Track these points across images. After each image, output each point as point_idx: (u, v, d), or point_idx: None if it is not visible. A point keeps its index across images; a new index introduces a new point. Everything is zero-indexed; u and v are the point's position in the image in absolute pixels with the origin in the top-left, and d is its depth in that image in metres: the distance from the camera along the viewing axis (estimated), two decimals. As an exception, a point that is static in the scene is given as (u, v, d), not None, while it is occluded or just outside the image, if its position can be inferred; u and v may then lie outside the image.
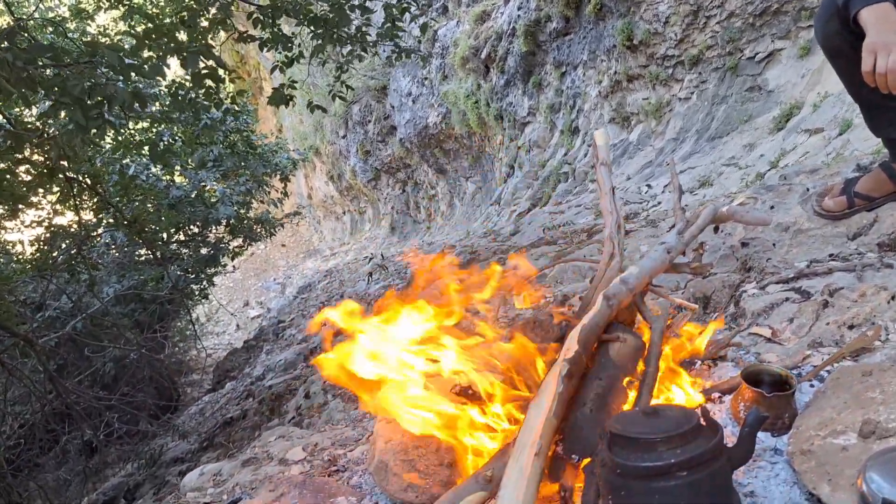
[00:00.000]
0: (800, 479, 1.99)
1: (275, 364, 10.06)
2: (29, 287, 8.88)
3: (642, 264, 2.82)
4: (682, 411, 2.06)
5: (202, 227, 11.24)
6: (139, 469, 8.05)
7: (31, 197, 6.77)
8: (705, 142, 10.04)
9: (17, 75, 3.79)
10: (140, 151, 9.41)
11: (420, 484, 2.49)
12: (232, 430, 7.68)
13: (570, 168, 13.36)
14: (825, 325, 2.78)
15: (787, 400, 2.26)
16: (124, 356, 10.32)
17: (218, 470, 3.51)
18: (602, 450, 2.04)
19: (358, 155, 26.40)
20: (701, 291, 3.53)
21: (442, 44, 18.74)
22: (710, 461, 1.90)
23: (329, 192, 32.23)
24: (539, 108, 15.53)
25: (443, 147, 21.47)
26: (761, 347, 2.86)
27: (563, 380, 2.27)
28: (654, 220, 6.17)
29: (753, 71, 9.63)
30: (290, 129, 32.20)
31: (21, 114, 8.00)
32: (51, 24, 8.78)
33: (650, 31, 11.04)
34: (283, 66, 7.37)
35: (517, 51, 15.25)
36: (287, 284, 28.13)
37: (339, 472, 3.00)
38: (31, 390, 7.95)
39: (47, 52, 4.31)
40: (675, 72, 11.07)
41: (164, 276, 10.00)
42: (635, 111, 12.13)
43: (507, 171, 17.32)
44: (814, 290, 3.07)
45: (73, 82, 4.20)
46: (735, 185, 7.65)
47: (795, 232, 3.52)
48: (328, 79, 19.68)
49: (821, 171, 4.11)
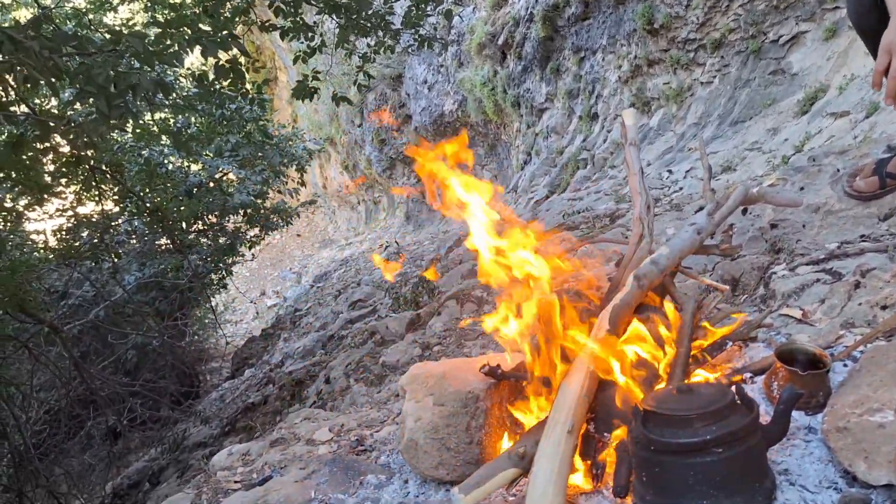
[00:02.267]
0: (835, 456, 1.98)
1: (293, 351, 10.10)
2: (53, 275, 8.96)
3: (672, 244, 2.80)
4: (716, 388, 2.05)
5: (220, 216, 11.27)
6: (162, 454, 8.11)
7: (56, 186, 6.80)
8: (728, 126, 9.96)
9: (42, 64, 3.80)
10: (159, 141, 9.45)
11: (451, 461, 2.50)
12: (253, 416, 7.72)
13: (589, 154, 13.29)
14: (857, 306, 2.76)
15: (821, 378, 2.24)
16: (146, 343, 10.40)
17: (246, 450, 3.53)
18: (635, 427, 2.04)
19: (373, 144, 26.36)
20: (729, 273, 3.51)
21: (458, 31, 18.63)
22: (745, 438, 1.89)
23: (344, 181, 32.22)
24: (557, 95, 15.43)
25: (458, 135, 21.33)
26: (792, 328, 2.84)
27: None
28: (679, 204, 6.13)
29: (777, 54, 9.53)
30: (306, 118, 32.16)
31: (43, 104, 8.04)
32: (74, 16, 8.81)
33: (671, 14, 10.94)
34: (304, 56, 7.35)
35: (535, 36, 15.14)
36: (303, 274, 28.22)
37: (367, 452, 3.02)
38: (57, 376, 8.03)
39: (72, 40, 4.32)
40: (697, 56, 10.97)
41: (184, 264, 10.05)
42: (656, 96, 12.04)
43: (525, 159, 17.24)
44: (845, 271, 3.05)
45: (98, 70, 4.21)
46: (759, 169, 7.58)
47: (826, 213, 3.49)
48: (345, 68, 19.67)
49: (851, 152, 4.07)
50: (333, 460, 2.90)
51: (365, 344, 7.00)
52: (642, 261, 2.73)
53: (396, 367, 5.60)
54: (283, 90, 33.05)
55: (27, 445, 7.29)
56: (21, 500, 6.85)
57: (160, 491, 6.67)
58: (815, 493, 1.90)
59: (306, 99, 7.02)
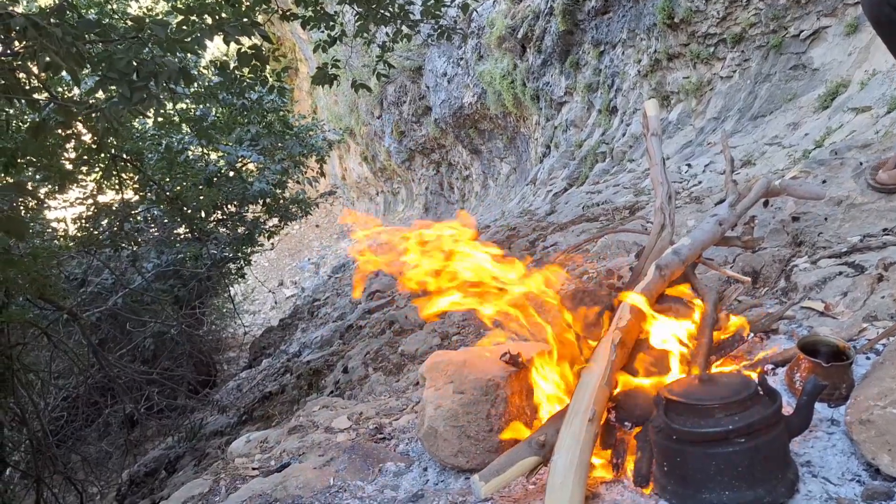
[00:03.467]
0: (858, 448, 1.97)
1: (311, 341, 10.12)
2: (72, 263, 9.02)
3: (694, 236, 2.79)
4: (739, 378, 2.05)
5: (239, 205, 11.31)
6: (179, 442, 8.16)
7: (77, 174, 6.85)
8: (747, 121, 9.89)
9: (65, 50, 3.82)
10: (180, 130, 9.48)
11: (471, 449, 2.50)
12: (271, 405, 7.75)
13: (608, 148, 13.25)
14: (880, 299, 2.74)
15: (844, 370, 2.23)
16: (164, 332, 10.46)
17: (264, 437, 3.55)
18: (657, 416, 2.03)
19: (392, 135, 26.39)
20: (750, 265, 3.49)
21: (478, 24, 18.61)
22: (768, 428, 1.88)
23: (363, 172, 32.27)
24: (576, 88, 15.38)
25: (478, 127, 21.38)
26: (814, 321, 2.82)
27: (616, 348, 2.26)
28: (699, 197, 6.10)
29: (798, 49, 9.45)
30: (325, 109, 32.22)
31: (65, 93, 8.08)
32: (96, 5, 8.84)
33: (692, 8, 10.88)
34: (324, 45, 7.36)
35: (554, 30, 15.09)
36: (321, 264, 28.29)
37: (386, 440, 3.02)
38: (75, 363, 8.09)
39: (95, 27, 4.34)
40: (717, 50, 10.90)
41: (203, 253, 10.09)
42: (675, 90, 11.97)
43: (543, 152, 17.21)
44: (868, 265, 3.02)
45: (120, 56, 4.23)
46: (779, 164, 7.54)
47: (848, 206, 3.47)
48: (365, 59, 19.69)
49: (874, 146, 4.04)
50: (352, 448, 2.90)
51: (383, 334, 7.01)
52: (664, 251, 2.73)
53: (415, 357, 5.60)
54: (304, 81, 33.11)
55: (45, 432, 7.36)
56: (39, 486, 6.91)
57: (177, 479, 6.71)
58: (838, 486, 1.90)
59: (325, 85, 7.02)
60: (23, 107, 6.02)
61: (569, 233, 7.23)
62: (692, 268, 2.80)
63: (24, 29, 3.54)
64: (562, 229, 7.70)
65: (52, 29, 3.71)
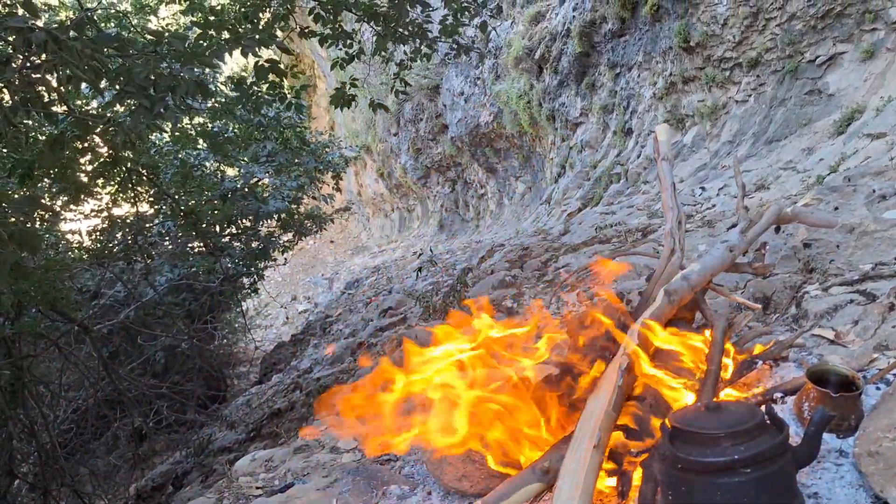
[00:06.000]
0: (866, 481, 1.95)
1: (322, 357, 10.11)
2: (85, 275, 9.05)
3: (704, 261, 2.78)
4: (746, 407, 2.03)
5: (254, 220, 11.34)
6: (187, 457, 8.13)
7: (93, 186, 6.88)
8: (762, 145, 9.88)
9: (85, 63, 3.86)
10: (196, 145, 9.54)
11: (475, 474, 2.48)
12: (279, 422, 7.73)
13: (623, 169, 13.24)
14: (891, 328, 2.71)
15: (853, 401, 2.21)
16: (175, 345, 10.46)
17: (269, 456, 3.54)
18: (663, 444, 2.01)
19: (409, 153, 26.49)
20: (761, 291, 3.47)
21: (495, 44, 18.72)
22: (775, 459, 1.86)
23: (379, 189, 32.38)
24: (592, 109, 15.42)
25: (493, 146, 21.46)
26: (824, 349, 2.80)
27: (623, 373, 2.25)
28: (711, 221, 6.08)
29: (814, 74, 9.44)
30: (343, 126, 32.40)
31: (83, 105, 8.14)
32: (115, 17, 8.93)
33: (707, 32, 10.89)
34: (342, 63, 7.40)
35: (571, 51, 15.16)
36: (335, 280, 28.28)
37: (391, 462, 3.01)
38: (86, 375, 8.10)
39: (114, 42, 4.38)
40: (733, 74, 10.90)
41: (216, 267, 10.10)
42: (690, 113, 11.98)
43: (558, 171, 17.24)
44: (879, 293, 3.00)
45: (139, 70, 4.27)
46: (793, 188, 7.50)
47: (860, 233, 3.44)
48: (382, 76, 19.81)
49: (887, 173, 4.01)
50: (357, 469, 2.89)
51: (395, 352, 6.99)
52: (673, 276, 2.72)
53: (425, 377, 5.57)
54: (322, 98, 33.31)
55: (54, 444, 7.36)
56: (46, 499, 6.92)
57: (183, 494, 6.69)
58: (845, 519, 1.88)
59: (344, 106, 7.06)
60: (41, 119, 6.08)
61: (581, 254, 7.22)
62: (702, 294, 2.79)
63: (44, 43, 3.58)
64: (574, 250, 7.69)
65: (72, 43, 3.75)
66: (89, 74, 3.84)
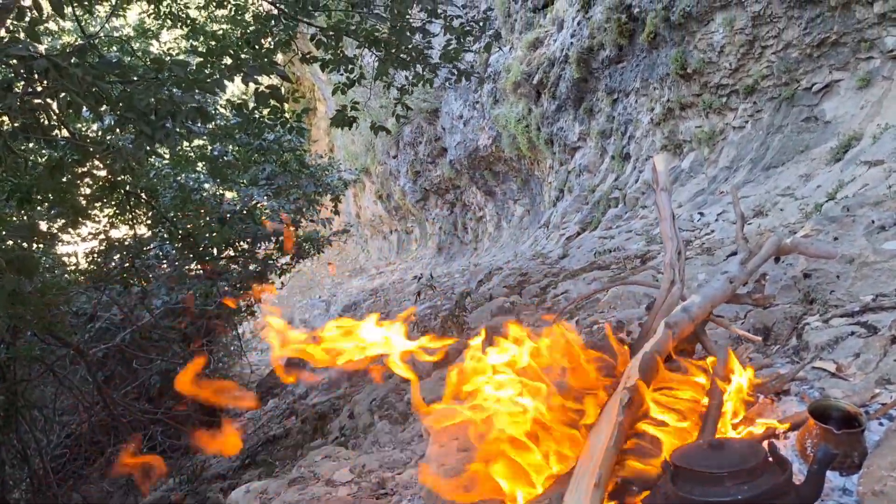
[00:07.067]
0: (871, 520, 1.92)
1: (318, 382, 10.04)
2: (81, 298, 9.01)
3: (704, 293, 2.77)
4: (748, 445, 2.01)
5: (251, 243, 11.30)
6: (181, 484, 8.06)
7: (91, 210, 6.88)
8: (760, 171, 9.91)
9: (86, 89, 3.86)
10: (195, 168, 9.53)
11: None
12: (274, 449, 7.68)
13: (621, 193, 13.28)
14: (893, 362, 2.69)
15: (856, 438, 2.19)
16: (171, 369, 10.39)
17: (264, 488, 3.50)
18: (664, 482, 1.99)
19: (408, 175, 26.57)
20: (762, 322, 3.45)
21: (494, 69, 18.84)
22: (778, 498, 1.84)
23: (377, 211, 32.42)
24: (590, 134, 15.49)
25: (492, 169, 21.53)
26: (826, 382, 2.77)
27: (624, 409, 2.23)
28: (710, 248, 6.07)
29: (810, 101, 9.49)
30: (342, 148, 32.51)
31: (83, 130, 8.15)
32: (117, 43, 8.96)
33: (704, 59, 10.96)
34: (343, 87, 7.43)
35: (569, 77, 15.25)
36: (332, 303, 28.20)
37: (388, 496, 2.97)
38: (80, 400, 8.04)
39: (115, 68, 4.39)
40: (730, 100, 10.96)
41: (213, 291, 10.05)
42: (688, 139, 12.02)
43: (556, 195, 17.28)
44: (881, 325, 2.98)
45: (140, 96, 4.28)
46: (790, 215, 7.52)
47: (860, 264, 3.43)
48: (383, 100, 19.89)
49: (885, 203, 4.01)
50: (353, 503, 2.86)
51: (391, 378, 6.95)
52: (673, 307, 2.71)
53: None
54: (322, 120, 33.44)
55: (46, 470, 7.29)
56: (38, 526, 6.85)
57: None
58: (849, 559, 1.85)
59: (345, 127, 7.08)
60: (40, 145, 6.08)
61: (580, 280, 7.20)
62: (702, 325, 2.78)
63: (45, 70, 3.58)
64: (573, 276, 7.67)
65: (73, 70, 3.75)
66: (90, 101, 3.84)
